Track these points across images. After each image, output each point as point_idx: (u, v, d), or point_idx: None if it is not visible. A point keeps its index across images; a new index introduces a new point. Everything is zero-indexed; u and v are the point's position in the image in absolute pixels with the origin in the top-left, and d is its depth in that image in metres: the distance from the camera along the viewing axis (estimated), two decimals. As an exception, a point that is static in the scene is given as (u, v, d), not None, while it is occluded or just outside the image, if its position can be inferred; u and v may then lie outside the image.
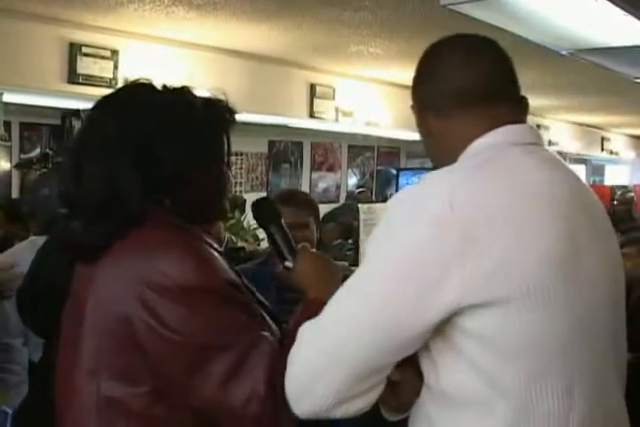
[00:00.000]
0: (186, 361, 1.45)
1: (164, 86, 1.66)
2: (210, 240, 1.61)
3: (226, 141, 1.69)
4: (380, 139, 11.28)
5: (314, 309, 1.59)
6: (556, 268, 1.29)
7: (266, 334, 1.50)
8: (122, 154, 1.54)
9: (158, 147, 1.55)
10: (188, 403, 1.48)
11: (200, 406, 1.47)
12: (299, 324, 1.56)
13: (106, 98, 1.66)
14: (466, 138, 1.43)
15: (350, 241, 7.09)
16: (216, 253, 1.57)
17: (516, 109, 1.49)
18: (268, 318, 1.63)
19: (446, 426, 1.35)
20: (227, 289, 1.50)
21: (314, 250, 1.79)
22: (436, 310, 1.26)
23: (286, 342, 1.49)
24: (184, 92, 1.67)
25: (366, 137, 10.48)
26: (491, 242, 1.24)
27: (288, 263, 1.71)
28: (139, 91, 1.66)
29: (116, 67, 6.38)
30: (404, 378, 1.38)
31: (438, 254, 1.24)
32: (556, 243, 1.30)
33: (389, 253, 1.30)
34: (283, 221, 1.76)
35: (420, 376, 1.39)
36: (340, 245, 7.17)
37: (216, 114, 1.66)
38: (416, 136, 1.57)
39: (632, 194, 12.44)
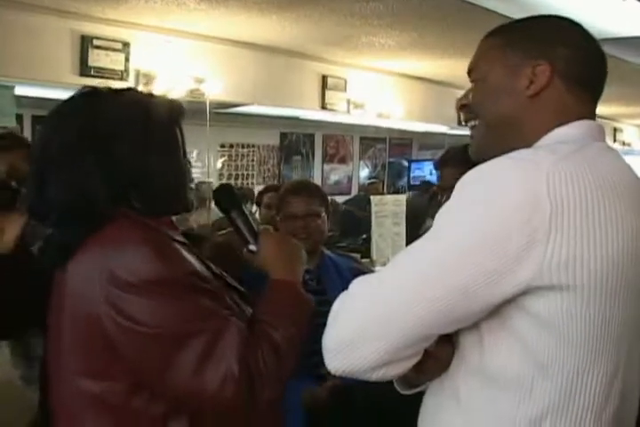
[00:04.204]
0: (158, 353, 1.49)
1: (110, 89, 1.71)
2: (173, 234, 1.65)
3: (179, 134, 1.73)
4: (391, 130, 11.28)
5: (281, 289, 1.65)
6: (629, 263, 1.31)
7: (233, 318, 1.53)
8: (83, 158, 1.58)
9: (115, 147, 1.60)
10: (166, 392, 1.52)
11: (178, 394, 1.51)
12: (265, 305, 1.62)
13: (60, 106, 1.70)
14: (553, 117, 1.43)
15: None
16: (180, 247, 1.61)
17: (594, 106, 1.51)
18: (242, 302, 1.68)
19: (478, 404, 1.36)
20: (190, 279, 1.53)
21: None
22: (510, 285, 1.25)
23: (255, 325, 1.55)
24: (131, 93, 1.73)
25: (378, 129, 10.48)
26: (575, 228, 1.24)
27: (252, 247, 1.74)
28: (91, 96, 1.69)
29: (127, 59, 6.41)
30: (440, 352, 1.38)
31: (526, 230, 1.23)
32: (634, 239, 1.31)
33: (473, 223, 1.27)
34: (244, 206, 1.79)
35: (452, 352, 1.40)
36: None
37: (164, 109, 1.71)
38: (428, 127, 1.56)
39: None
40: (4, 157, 2.69)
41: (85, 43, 6.15)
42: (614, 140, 15.44)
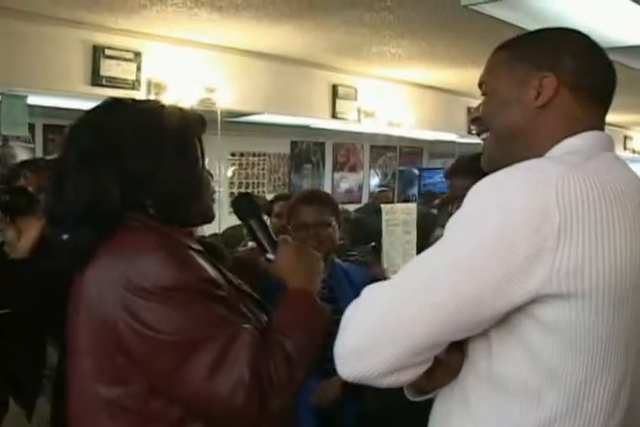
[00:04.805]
0: (172, 358, 1.51)
1: (132, 99, 1.76)
2: (189, 242, 1.68)
3: (198, 146, 1.76)
4: (402, 139, 11.26)
5: (297, 298, 1.67)
6: (637, 270, 1.32)
7: (246, 325, 1.56)
8: (99, 165, 1.63)
9: (129, 153, 1.64)
10: (177, 397, 1.54)
11: (189, 399, 1.53)
12: (281, 314, 1.64)
13: (83, 115, 1.74)
14: (562, 128, 1.45)
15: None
16: (195, 254, 1.63)
17: (604, 116, 1.53)
18: (257, 310, 1.71)
19: (487, 411, 1.37)
20: (204, 286, 1.55)
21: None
22: (519, 294, 1.27)
23: (269, 334, 1.57)
24: (150, 103, 1.79)
25: (388, 137, 10.46)
26: (584, 237, 1.26)
27: (269, 255, 1.77)
28: (110, 104, 1.74)
29: (138, 69, 6.42)
30: (450, 359, 1.40)
31: (536, 239, 1.24)
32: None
33: (482, 232, 1.28)
34: (263, 214, 1.82)
35: (462, 360, 1.41)
36: None
37: (180, 119, 1.74)
38: (437, 136, 1.57)
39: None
40: (32, 177, 2.78)
41: (97, 53, 6.16)
42: (624, 148, 15.38)
